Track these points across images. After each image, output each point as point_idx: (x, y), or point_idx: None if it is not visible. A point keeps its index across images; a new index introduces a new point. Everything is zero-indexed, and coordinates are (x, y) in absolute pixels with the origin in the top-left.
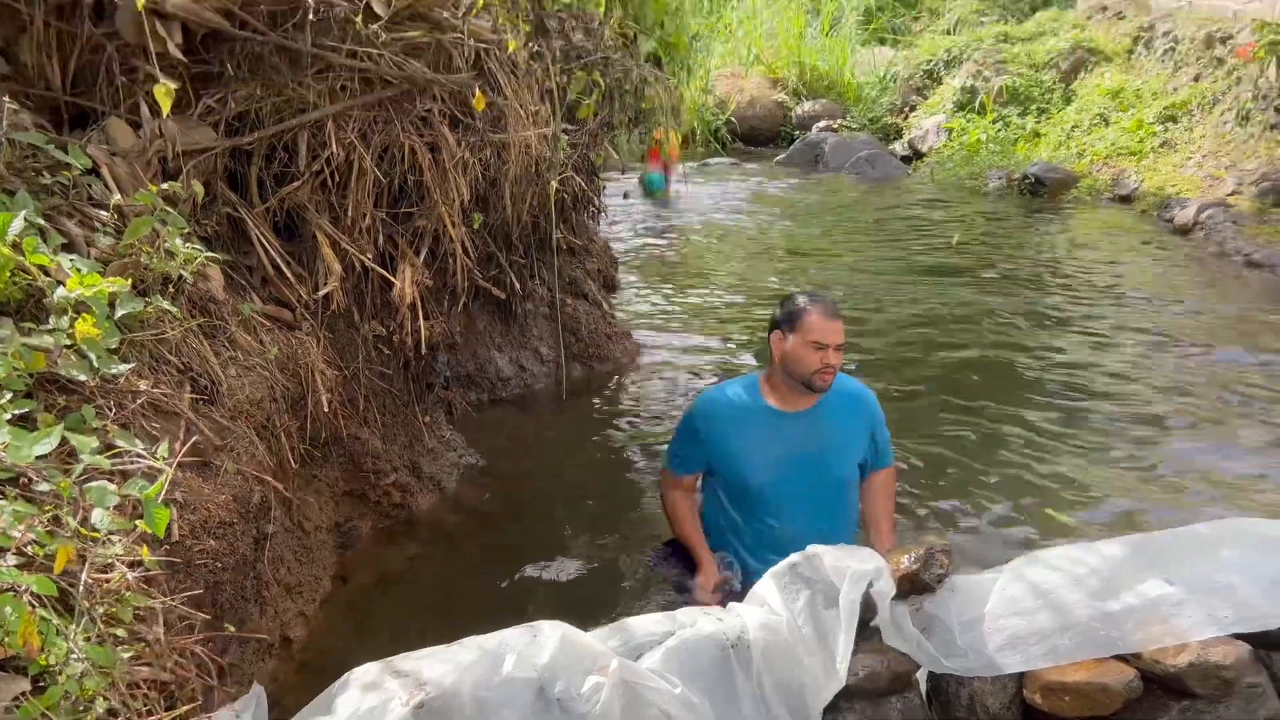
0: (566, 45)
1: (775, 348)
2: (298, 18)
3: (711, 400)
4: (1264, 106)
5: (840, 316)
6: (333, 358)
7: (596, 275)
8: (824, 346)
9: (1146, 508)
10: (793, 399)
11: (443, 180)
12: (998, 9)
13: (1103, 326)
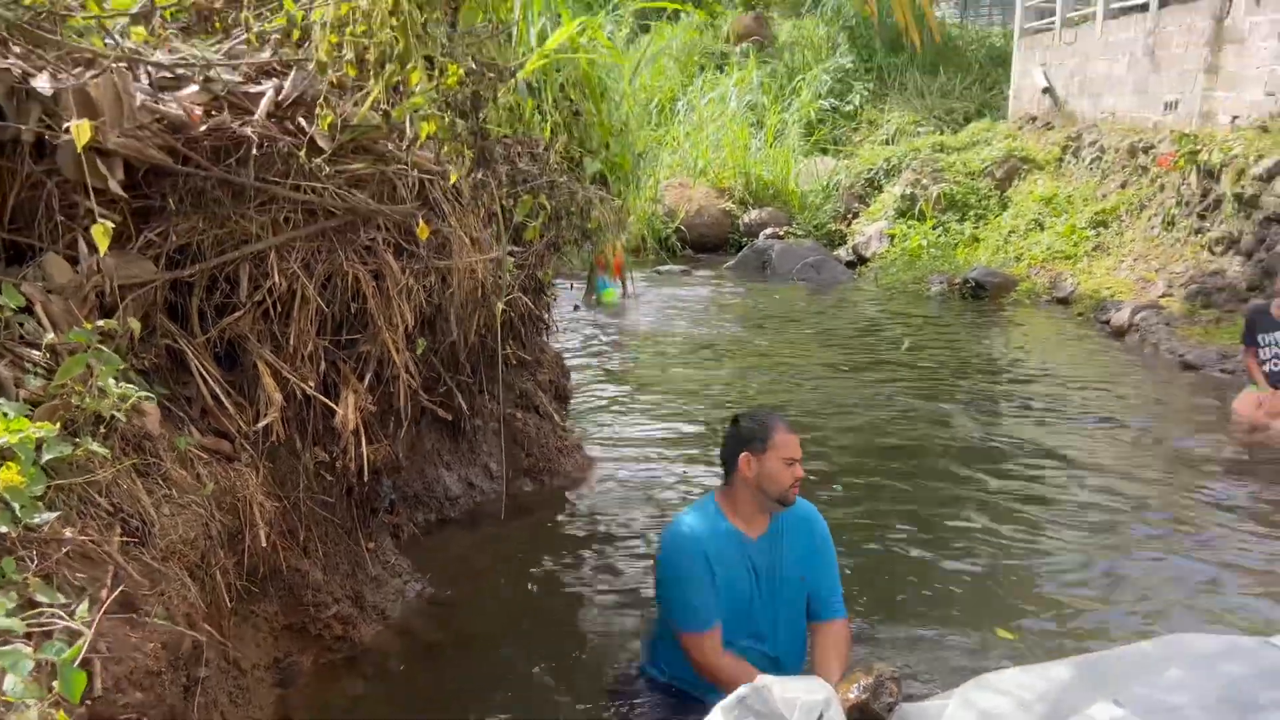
0: (513, 170)
1: (746, 469)
2: (241, 153)
3: (695, 529)
4: (1188, 212)
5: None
6: (273, 488)
7: (549, 387)
8: (794, 461)
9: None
10: (756, 521)
11: (387, 307)
12: (933, 120)
13: (1051, 430)
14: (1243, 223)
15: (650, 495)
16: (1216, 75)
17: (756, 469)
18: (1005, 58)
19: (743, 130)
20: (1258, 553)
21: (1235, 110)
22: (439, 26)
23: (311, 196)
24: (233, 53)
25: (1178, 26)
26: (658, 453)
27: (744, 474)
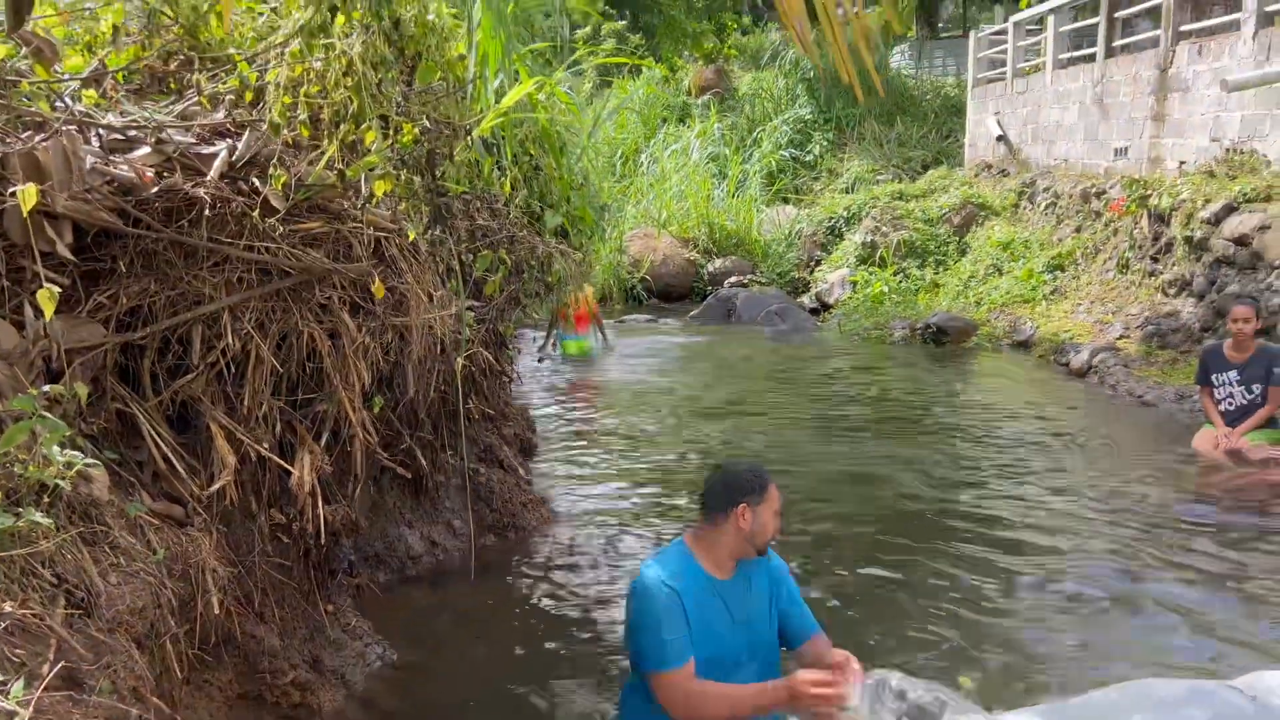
0: (473, 225)
1: (743, 520)
2: (194, 214)
3: (673, 576)
4: (1141, 256)
5: None
6: (226, 553)
7: (513, 440)
8: (779, 513)
9: (1058, 661)
10: (725, 565)
11: (343, 366)
12: (891, 169)
13: (1014, 475)
14: (1194, 265)
15: (615, 549)
16: (1163, 122)
17: (751, 520)
18: (960, 107)
19: (705, 181)
20: (1218, 594)
21: (1182, 155)
22: (394, 86)
23: (265, 256)
24: (186, 114)
25: (1124, 76)
26: (622, 505)
27: (739, 524)
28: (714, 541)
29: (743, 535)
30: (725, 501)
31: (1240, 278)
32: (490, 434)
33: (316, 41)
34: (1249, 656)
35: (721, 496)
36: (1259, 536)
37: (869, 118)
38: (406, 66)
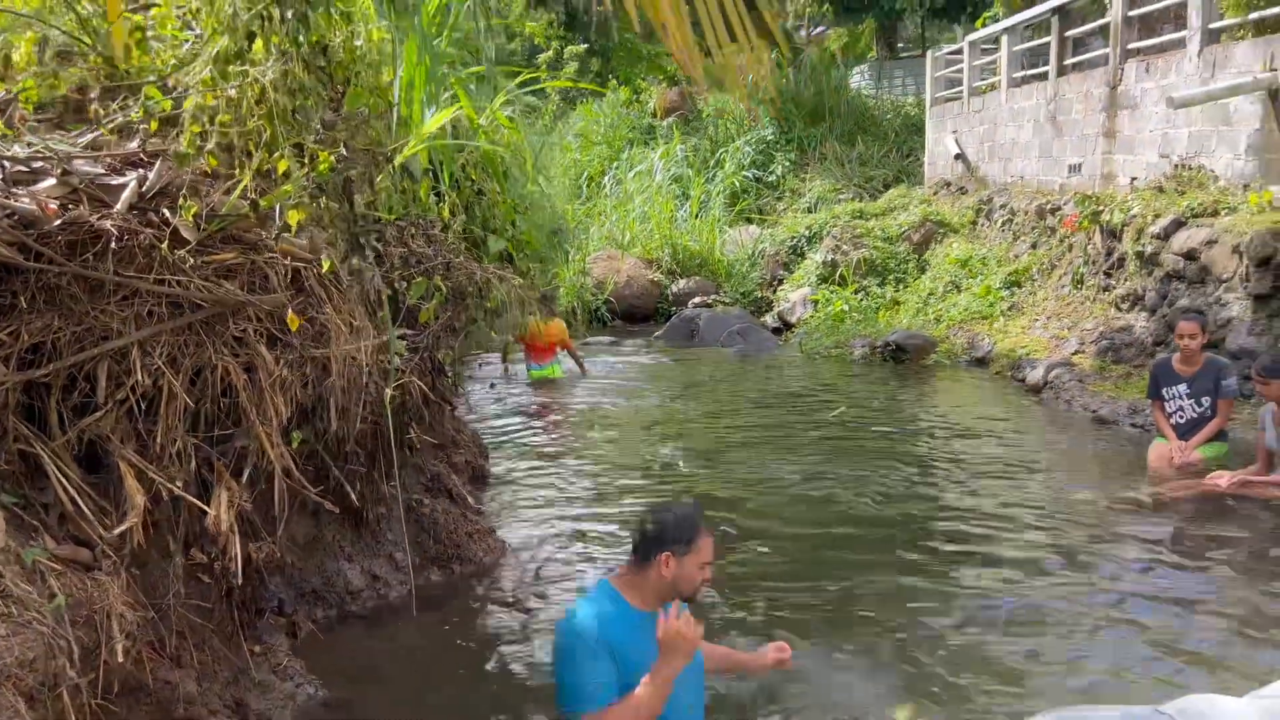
0: (407, 252)
1: (665, 568)
2: (100, 246)
3: (595, 618)
4: (1094, 271)
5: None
6: (138, 597)
7: (464, 468)
8: (708, 564)
9: (1003, 688)
10: (651, 601)
11: (260, 400)
12: (853, 188)
13: (967, 492)
14: (1145, 280)
15: (566, 582)
16: (1114, 139)
17: (675, 570)
18: (920, 126)
19: (667, 202)
20: (1174, 608)
21: (1133, 172)
22: (316, 112)
23: (176, 289)
24: (97, 143)
25: (1076, 93)
26: (577, 536)
27: (661, 572)
28: (639, 583)
29: (665, 583)
30: (651, 548)
31: (1190, 292)
32: (438, 462)
33: (233, 69)
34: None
35: (648, 542)
36: (1213, 549)
37: (830, 138)
38: (336, 92)
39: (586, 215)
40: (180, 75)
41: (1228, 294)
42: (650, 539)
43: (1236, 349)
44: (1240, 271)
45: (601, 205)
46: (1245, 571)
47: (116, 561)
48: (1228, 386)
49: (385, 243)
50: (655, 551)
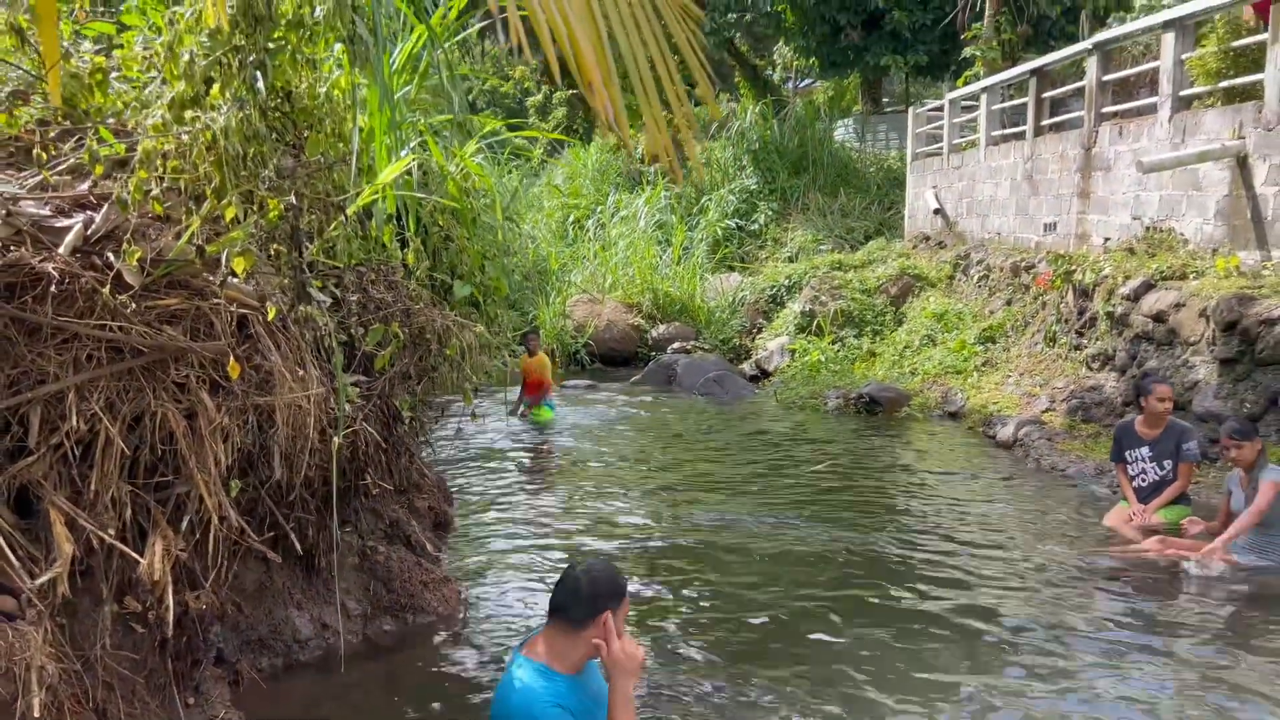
0: (365, 298)
1: (608, 624)
2: (38, 290)
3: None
4: (1067, 330)
5: None
6: (62, 648)
7: (426, 513)
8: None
9: None
10: (578, 663)
11: (200, 447)
12: (834, 239)
13: (927, 548)
14: (1116, 340)
15: (518, 634)
16: (1088, 199)
17: (611, 628)
18: (902, 179)
19: (649, 249)
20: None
21: (1107, 232)
22: (271, 158)
23: (116, 334)
24: (46, 183)
25: (1052, 154)
26: (535, 583)
27: (600, 630)
28: (567, 648)
29: (599, 639)
30: (591, 608)
31: (1158, 354)
32: (398, 508)
33: (189, 114)
34: None
35: (586, 603)
36: (1169, 612)
37: (813, 189)
38: (299, 138)
39: (570, 258)
40: (138, 117)
41: (1194, 357)
42: (589, 599)
43: (1203, 412)
44: (1207, 335)
45: (585, 249)
46: (1202, 635)
47: (42, 610)
48: (1189, 451)
49: (343, 288)
50: (597, 611)
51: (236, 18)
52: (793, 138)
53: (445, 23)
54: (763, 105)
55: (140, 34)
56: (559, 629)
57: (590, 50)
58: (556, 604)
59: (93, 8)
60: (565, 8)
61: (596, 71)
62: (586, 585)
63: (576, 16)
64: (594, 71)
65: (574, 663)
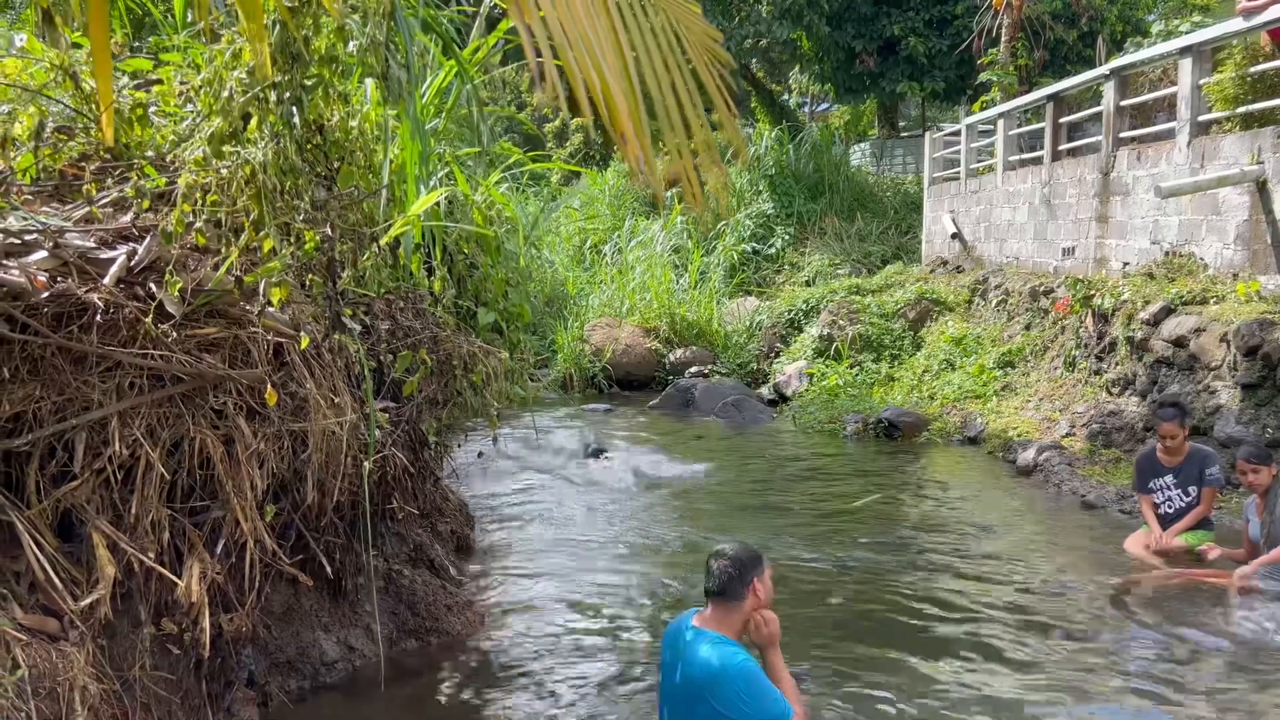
0: (394, 325)
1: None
2: (85, 319)
3: (749, 659)
4: (1086, 354)
5: None
6: (103, 668)
7: (449, 537)
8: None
9: None
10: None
11: (236, 473)
12: (851, 263)
13: (944, 574)
14: (1136, 365)
15: (542, 658)
16: (1107, 224)
17: (764, 590)
18: (919, 204)
19: (666, 272)
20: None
21: (1125, 257)
22: (306, 192)
23: (158, 362)
24: (91, 217)
25: (1069, 178)
26: (556, 607)
27: (758, 596)
28: (733, 619)
29: (758, 605)
30: (743, 582)
31: (1179, 378)
32: (422, 531)
33: (227, 149)
34: None
35: (739, 578)
36: (1191, 637)
37: (830, 213)
38: (330, 170)
39: (588, 283)
40: (177, 152)
41: (1216, 382)
42: (740, 574)
43: (1225, 437)
44: (1228, 360)
45: (602, 274)
46: (1221, 660)
47: (84, 632)
48: (1211, 476)
49: (373, 316)
50: (748, 583)
51: (274, 55)
52: (809, 162)
53: (475, 59)
54: (779, 130)
55: (178, 70)
56: (723, 607)
57: (622, 100)
58: (716, 589)
59: (126, 42)
60: (599, 59)
61: (629, 122)
62: (735, 565)
63: (609, 67)
64: (626, 123)
65: (739, 631)
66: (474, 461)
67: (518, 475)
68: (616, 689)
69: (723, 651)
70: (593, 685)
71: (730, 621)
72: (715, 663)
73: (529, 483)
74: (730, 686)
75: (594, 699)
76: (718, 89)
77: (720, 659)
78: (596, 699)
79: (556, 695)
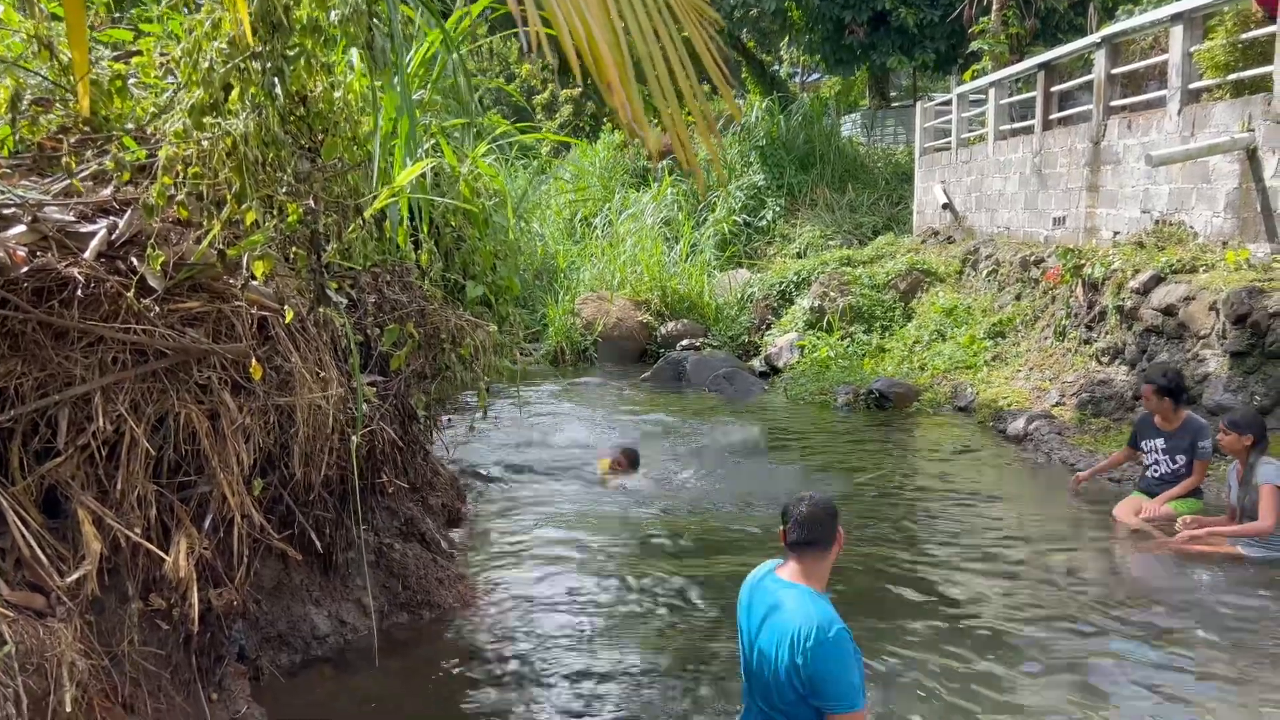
0: (380, 299)
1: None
2: (66, 293)
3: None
4: (1076, 324)
5: None
6: (91, 644)
7: (440, 511)
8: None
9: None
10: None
11: (222, 447)
12: (843, 234)
13: (934, 539)
14: (1125, 334)
15: (534, 630)
16: (1097, 193)
17: (843, 538)
18: (910, 174)
19: (657, 245)
20: (1135, 659)
21: (1116, 226)
22: (288, 164)
23: (141, 337)
24: (70, 191)
25: (1060, 148)
26: (547, 577)
27: (840, 546)
28: (819, 569)
29: (838, 556)
30: (831, 529)
31: (1169, 347)
32: (413, 505)
33: (208, 120)
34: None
35: (827, 525)
36: (1179, 601)
37: (820, 184)
38: (314, 141)
39: (578, 256)
40: (157, 124)
41: (1205, 350)
42: (828, 521)
43: (1214, 405)
44: (1217, 328)
45: (593, 246)
46: (1211, 623)
47: (71, 608)
48: (1203, 449)
49: (359, 290)
50: (835, 530)
51: (255, 24)
52: (800, 133)
53: (460, 29)
54: (769, 101)
55: (157, 41)
56: (812, 557)
57: (607, 50)
58: (804, 539)
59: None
60: (583, 9)
61: (614, 70)
62: (822, 514)
63: (594, 18)
64: (611, 71)
65: (825, 582)
66: (465, 435)
67: (508, 448)
68: (609, 661)
69: (814, 611)
70: (585, 657)
71: (819, 572)
72: (805, 621)
73: (519, 456)
74: (820, 651)
75: (587, 671)
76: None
77: (811, 618)
78: (589, 671)
79: (549, 667)
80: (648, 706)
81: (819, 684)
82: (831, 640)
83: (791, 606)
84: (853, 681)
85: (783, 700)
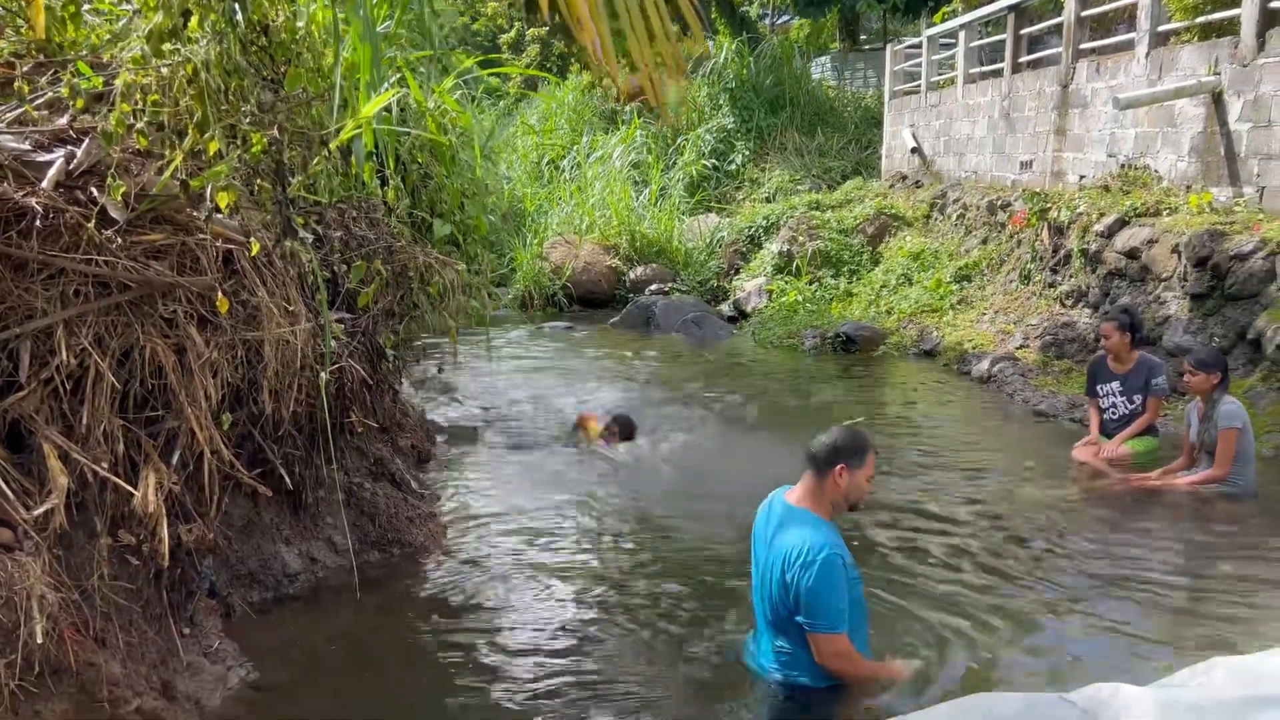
0: (347, 235)
1: (839, 479)
2: (23, 225)
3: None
4: (1041, 267)
5: None
6: (60, 578)
7: (409, 451)
8: (872, 478)
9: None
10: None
11: (189, 382)
12: (812, 178)
13: (905, 482)
14: (1089, 277)
15: (502, 565)
16: (1064, 137)
17: (847, 480)
18: (880, 118)
19: (626, 189)
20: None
21: (1082, 170)
22: (251, 93)
23: (103, 269)
24: (24, 118)
25: (1029, 91)
26: (515, 517)
27: (835, 482)
28: (820, 495)
29: (839, 493)
30: (828, 461)
31: (1131, 289)
32: (382, 445)
33: (167, 47)
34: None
35: (827, 456)
36: (1140, 538)
37: (790, 128)
38: (277, 72)
39: (546, 199)
40: (114, 50)
41: (1166, 293)
42: (829, 453)
43: (1173, 346)
44: (1179, 271)
45: (561, 190)
46: (1173, 557)
47: (39, 542)
48: (1157, 385)
49: (325, 225)
50: (831, 464)
51: None
52: (769, 76)
53: None
54: (739, 43)
55: None
56: (811, 480)
57: None
58: (807, 457)
59: None
60: None
61: (584, 5)
62: (829, 440)
63: None
64: (582, 6)
65: (827, 510)
66: (434, 377)
67: (477, 389)
68: (577, 595)
69: (810, 534)
70: (555, 592)
71: (816, 495)
72: (799, 543)
73: (488, 396)
74: (807, 572)
75: (556, 604)
76: None
77: (804, 540)
78: (558, 604)
79: (520, 602)
80: (616, 634)
81: (804, 603)
82: (820, 563)
83: (791, 529)
84: (837, 605)
85: (777, 617)
